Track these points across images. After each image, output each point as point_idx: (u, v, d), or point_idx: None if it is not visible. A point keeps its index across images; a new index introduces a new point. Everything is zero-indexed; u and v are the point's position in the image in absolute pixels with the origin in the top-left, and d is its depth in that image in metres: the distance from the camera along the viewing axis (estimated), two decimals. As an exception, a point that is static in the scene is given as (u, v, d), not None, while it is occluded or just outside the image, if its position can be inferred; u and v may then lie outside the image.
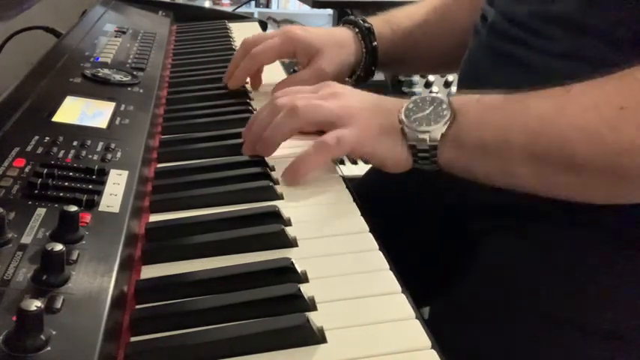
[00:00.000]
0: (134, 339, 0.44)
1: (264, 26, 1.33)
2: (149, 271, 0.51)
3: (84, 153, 0.60)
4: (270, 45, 0.85)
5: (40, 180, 0.53)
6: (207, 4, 4.23)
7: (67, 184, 0.54)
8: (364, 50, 0.88)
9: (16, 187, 0.52)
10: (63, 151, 0.59)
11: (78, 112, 0.69)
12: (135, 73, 0.86)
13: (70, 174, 0.56)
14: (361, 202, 0.62)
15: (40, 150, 0.59)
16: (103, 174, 0.57)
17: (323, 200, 0.62)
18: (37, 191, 0.52)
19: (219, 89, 0.88)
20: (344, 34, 0.89)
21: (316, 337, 0.43)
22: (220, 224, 0.56)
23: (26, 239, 0.46)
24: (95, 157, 0.60)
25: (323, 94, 0.66)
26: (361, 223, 0.58)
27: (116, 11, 1.20)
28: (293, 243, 0.54)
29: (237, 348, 0.43)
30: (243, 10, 3.00)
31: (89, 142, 0.62)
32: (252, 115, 0.70)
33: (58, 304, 0.40)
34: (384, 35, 0.89)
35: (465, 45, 0.80)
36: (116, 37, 1.01)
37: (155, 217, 0.58)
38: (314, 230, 0.57)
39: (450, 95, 0.64)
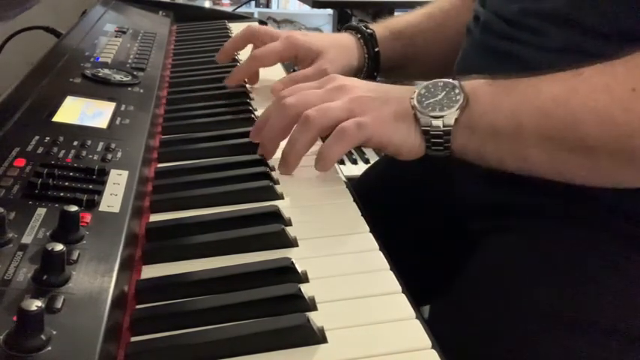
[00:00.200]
0: (134, 339, 0.44)
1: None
2: (149, 271, 0.51)
3: (84, 153, 0.60)
4: (272, 48, 0.85)
5: (41, 180, 0.53)
6: (207, 4, 4.24)
7: (67, 184, 0.54)
8: (366, 56, 0.88)
9: (17, 187, 0.52)
10: (63, 151, 0.59)
11: (78, 112, 0.69)
12: (135, 73, 0.85)
13: (71, 174, 0.56)
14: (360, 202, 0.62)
15: (41, 150, 0.59)
16: (103, 174, 0.57)
17: (323, 200, 0.63)
18: (37, 191, 0.52)
19: (219, 89, 0.88)
20: (347, 39, 0.89)
21: (317, 337, 0.43)
22: (221, 224, 0.56)
23: (27, 239, 0.46)
24: (95, 157, 0.60)
25: (329, 88, 0.66)
26: (361, 223, 0.58)
27: (116, 11, 1.20)
28: (293, 243, 0.54)
29: (238, 348, 0.43)
30: (243, 10, 3.00)
31: (89, 142, 0.62)
32: (260, 116, 0.70)
33: (58, 304, 0.40)
34: (385, 41, 0.89)
35: None
36: (116, 37, 1.01)
37: (155, 217, 0.58)
38: (314, 230, 0.57)
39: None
